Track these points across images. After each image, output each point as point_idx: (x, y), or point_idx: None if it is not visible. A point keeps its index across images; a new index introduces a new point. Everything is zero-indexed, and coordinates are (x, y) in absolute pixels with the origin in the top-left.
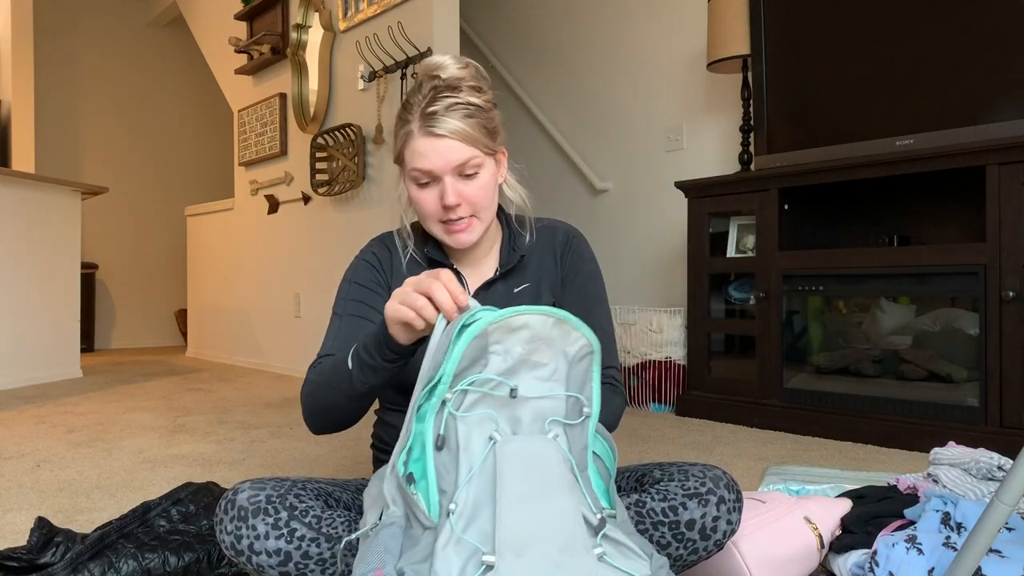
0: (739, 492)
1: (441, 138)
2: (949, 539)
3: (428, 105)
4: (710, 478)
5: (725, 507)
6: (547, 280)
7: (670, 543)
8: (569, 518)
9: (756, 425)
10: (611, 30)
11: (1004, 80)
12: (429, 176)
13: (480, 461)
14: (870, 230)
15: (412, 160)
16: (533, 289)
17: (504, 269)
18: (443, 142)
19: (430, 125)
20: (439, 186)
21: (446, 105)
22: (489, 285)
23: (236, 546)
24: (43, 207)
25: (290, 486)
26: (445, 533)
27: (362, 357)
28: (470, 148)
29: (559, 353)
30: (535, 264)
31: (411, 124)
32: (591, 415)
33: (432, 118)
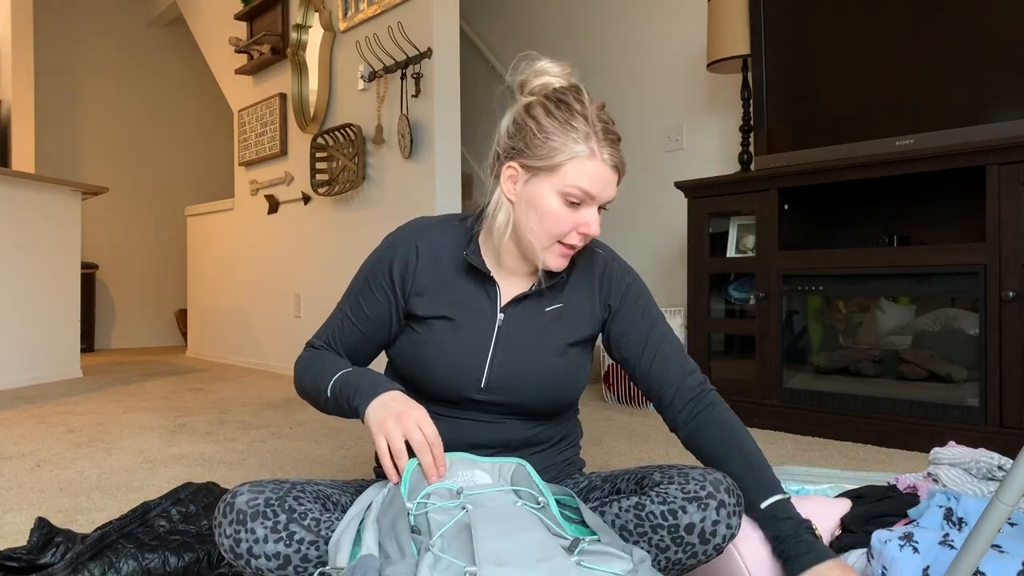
0: (739, 496)
1: (613, 170)
2: (947, 536)
3: (608, 132)
4: (710, 482)
5: (725, 511)
6: (581, 306)
7: (669, 546)
8: (543, 542)
9: (756, 425)
10: (611, 30)
11: (1004, 80)
12: (585, 200)
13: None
14: (870, 230)
15: (579, 179)
16: (564, 312)
17: (538, 289)
18: (612, 175)
19: (610, 154)
20: (583, 212)
21: (614, 138)
22: (520, 300)
23: (235, 549)
24: (43, 207)
25: (289, 488)
26: (428, 558)
27: (338, 399)
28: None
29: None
30: (571, 285)
31: (582, 143)
32: (547, 503)
33: (613, 149)
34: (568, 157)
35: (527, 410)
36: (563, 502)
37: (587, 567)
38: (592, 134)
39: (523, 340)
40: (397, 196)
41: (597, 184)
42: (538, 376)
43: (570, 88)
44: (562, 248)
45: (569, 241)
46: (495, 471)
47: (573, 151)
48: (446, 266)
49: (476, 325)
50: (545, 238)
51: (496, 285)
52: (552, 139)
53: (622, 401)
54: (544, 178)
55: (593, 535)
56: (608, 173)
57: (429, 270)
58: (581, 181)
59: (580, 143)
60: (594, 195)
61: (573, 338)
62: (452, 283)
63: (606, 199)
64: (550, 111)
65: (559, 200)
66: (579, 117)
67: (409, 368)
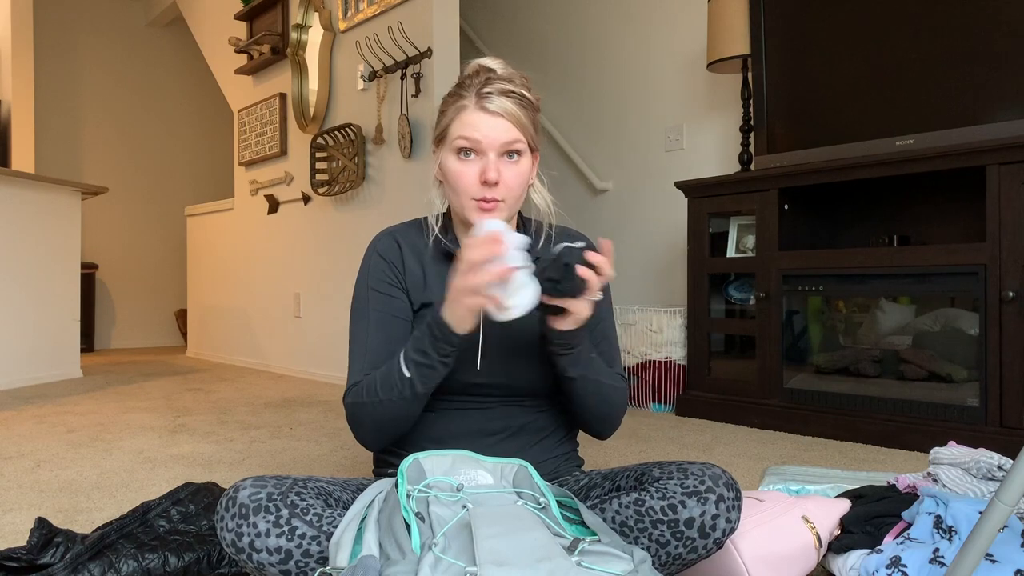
0: (738, 490)
1: (494, 115)
2: (938, 551)
3: (484, 86)
4: (709, 476)
5: (724, 505)
6: None
7: (669, 541)
8: (544, 542)
9: (756, 425)
10: (611, 30)
11: (1004, 80)
12: (475, 148)
13: (456, 517)
14: (870, 230)
15: (460, 130)
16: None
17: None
18: (495, 119)
19: (486, 101)
20: (481, 162)
21: (501, 89)
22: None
23: (237, 544)
24: (43, 207)
25: (291, 484)
26: (429, 558)
27: (418, 360)
28: (517, 131)
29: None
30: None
31: (465, 99)
32: (548, 503)
33: (488, 97)
34: (451, 117)
35: (522, 390)
36: (563, 503)
37: (587, 567)
38: (475, 93)
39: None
40: (397, 196)
41: (479, 130)
42: (529, 353)
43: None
44: (477, 204)
45: (478, 195)
46: (497, 471)
47: (454, 110)
48: (425, 258)
49: None
50: (460, 198)
51: None
52: (445, 112)
53: None
54: (443, 147)
55: (593, 536)
56: (488, 118)
57: (412, 263)
58: (463, 131)
59: (459, 101)
60: (479, 139)
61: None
62: (433, 272)
63: (496, 143)
64: (449, 92)
65: (454, 158)
66: (468, 87)
67: None
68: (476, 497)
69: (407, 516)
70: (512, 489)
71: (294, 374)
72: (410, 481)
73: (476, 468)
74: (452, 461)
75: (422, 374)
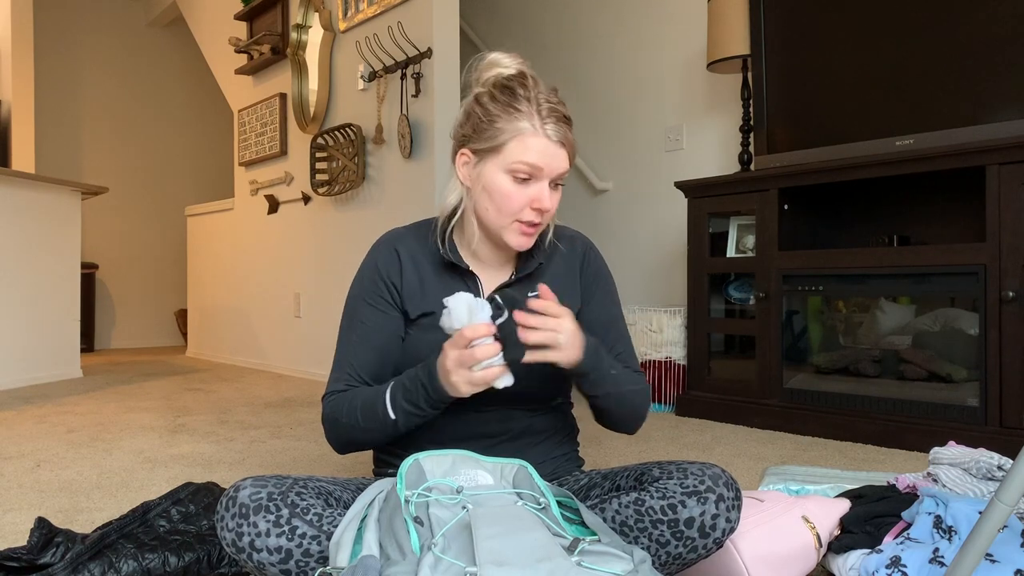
0: (738, 490)
1: (557, 144)
2: (937, 551)
3: (541, 106)
4: (709, 476)
5: (724, 505)
6: (563, 288)
7: (669, 541)
8: (543, 542)
9: (756, 425)
10: (611, 30)
11: (1004, 80)
12: (533, 174)
13: (455, 519)
14: (870, 230)
15: (523, 154)
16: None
17: (521, 275)
18: (557, 148)
19: (548, 128)
20: (534, 187)
21: (559, 115)
22: (501, 290)
23: (237, 543)
24: (43, 207)
25: (291, 484)
26: (428, 558)
27: (408, 410)
28: (569, 161)
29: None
30: (551, 271)
31: (524, 120)
32: (548, 504)
33: (549, 122)
34: (511, 136)
35: (524, 394)
36: (563, 503)
37: (587, 567)
38: (535, 112)
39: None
40: (397, 196)
41: (541, 158)
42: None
43: (517, 75)
44: (521, 226)
45: (525, 218)
46: (497, 472)
47: (516, 128)
48: (425, 266)
49: None
50: (501, 218)
51: (476, 277)
52: (496, 121)
53: None
54: (491, 158)
55: (594, 536)
56: (551, 147)
57: (411, 272)
58: (525, 156)
59: (522, 121)
60: (540, 167)
61: None
62: (433, 281)
63: (555, 173)
64: (495, 96)
65: (508, 178)
66: (522, 99)
67: (405, 368)
68: (476, 498)
69: (407, 522)
70: (512, 490)
71: (294, 374)
72: (409, 485)
73: (476, 468)
74: (452, 461)
75: (410, 420)
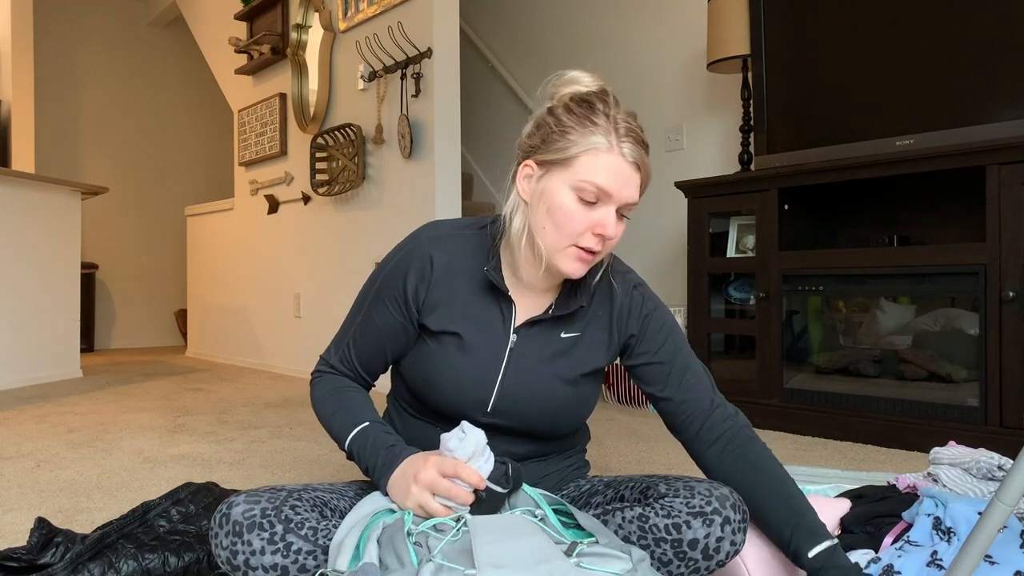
0: (745, 512)
1: (633, 167)
2: (935, 554)
3: (619, 123)
4: (716, 497)
5: (730, 528)
6: (597, 337)
7: (671, 560)
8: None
9: (756, 425)
10: (611, 30)
11: (1004, 80)
12: (600, 196)
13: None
14: (870, 230)
15: (593, 173)
16: (580, 341)
17: (555, 314)
18: (632, 172)
19: (624, 147)
20: (600, 212)
21: (636, 136)
22: (535, 323)
23: (232, 561)
24: (43, 207)
25: (285, 497)
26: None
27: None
28: (639, 192)
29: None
30: (590, 316)
31: (600, 135)
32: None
33: (626, 142)
34: (584, 149)
35: (530, 433)
36: (558, 510)
37: (586, 568)
38: (612, 130)
39: (534, 365)
40: (397, 196)
41: (613, 179)
42: (545, 404)
43: (598, 91)
44: (578, 252)
45: (584, 243)
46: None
47: (590, 143)
48: (461, 280)
49: (487, 345)
50: (558, 238)
51: (512, 304)
52: (570, 133)
53: (622, 401)
54: (558, 172)
55: (591, 538)
56: (627, 169)
57: (443, 284)
58: (596, 176)
59: (598, 135)
60: (610, 192)
61: (586, 369)
62: (466, 298)
63: (625, 199)
64: (571, 109)
65: (572, 196)
66: (600, 114)
67: (416, 383)
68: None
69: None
70: (508, 510)
71: (294, 374)
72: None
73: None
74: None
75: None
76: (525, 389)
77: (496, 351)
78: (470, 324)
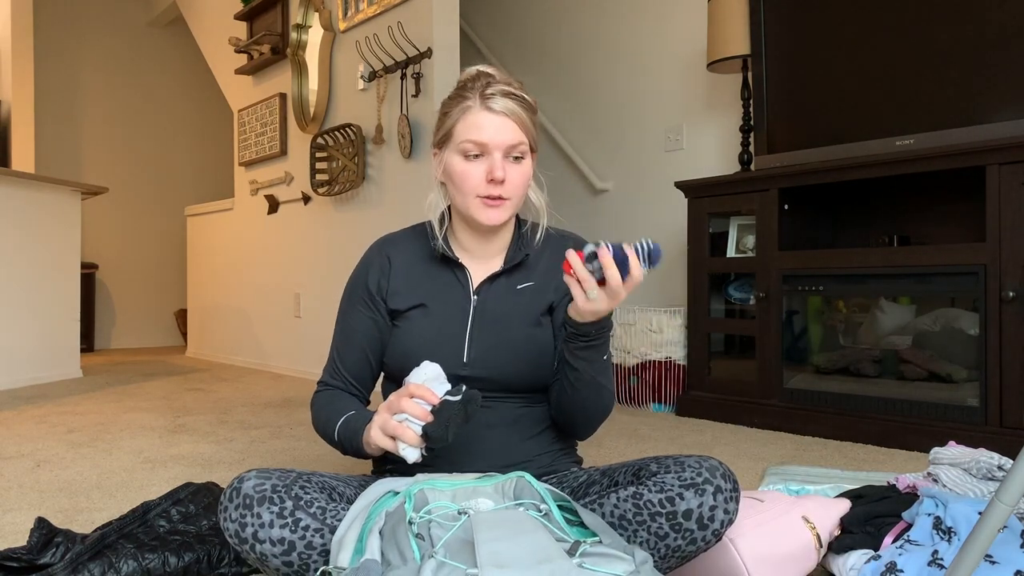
0: (735, 482)
1: (499, 115)
2: (936, 554)
3: (488, 88)
4: (706, 468)
5: (722, 496)
6: (553, 283)
7: (668, 534)
8: (545, 544)
9: (756, 425)
10: (611, 30)
11: (1004, 80)
12: (481, 149)
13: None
14: (870, 230)
15: (467, 132)
16: (537, 288)
17: (508, 265)
18: (500, 119)
19: (490, 102)
20: (487, 161)
21: (504, 91)
22: (493, 279)
23: (240, 534)
24: (43, 207)
25: (295, 477)
26: (431, 564)
27: (344, 445)
28: (521, 133)
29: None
30: (543, 266)
31: (469, 101)
32: (550, 510)
33: (492, 98)
34: (456, 119)
35: (511, 384)
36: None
37: (588, 568)
38: (479, 95)
39: (498, 315)
40: (397, 196)
41: (485, 132)
42: (516, 347)
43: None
44: (482, 200)
45: (483, 192)
46: (498, 492)
47: (459, 111)
48: (415, 263)
49: (451, 307)
50: (464, 197)
51: (466, 269)
52: (449, 113)
53: (622, 401)
54: (448, 147)
55: (595, 537)
56: (494, 119)
57: (400, 271)
58: (470, 134)
59: (467, 102)
60: (485, 141)
61: (545, 307)
62: (424, 276)
63: (502, 143)
64: (451, 95)
65: (460, 158)
66: (470, 90)
67: (397, 363)
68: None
69: (410, 537)
70: (514, 503)
71: (294, 374)
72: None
73: (475, 498)
74: (452, 496)
75: (345, 450)
76: (493, 335)
77: (460, 311)
78: (432, 293)
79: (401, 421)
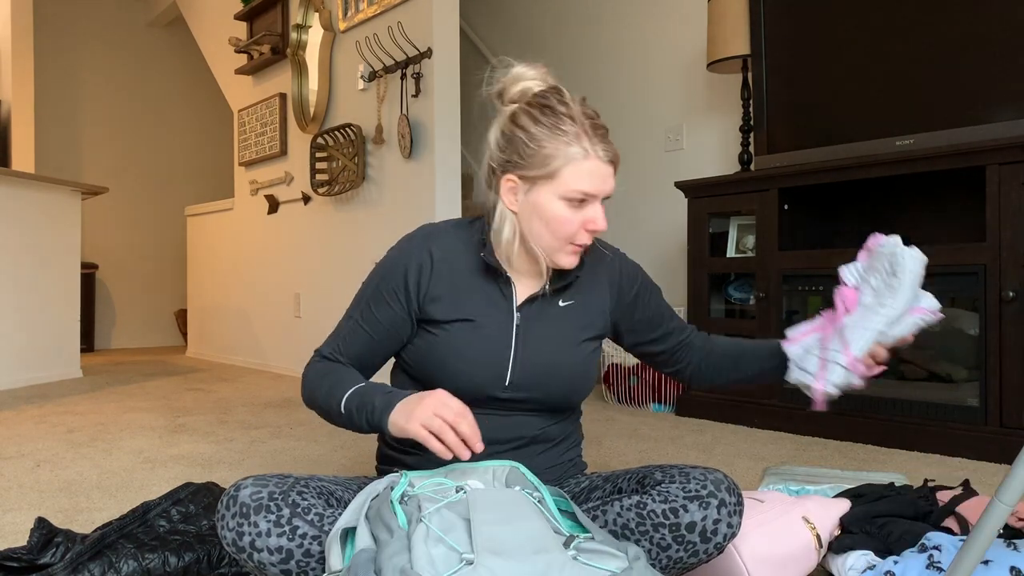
0: (740, 496)
1: (609, 165)
2: (932, 558)
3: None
4: (711, 481)
5: (726, 510)
6: (593, 302)
7: (670, 545)
8: (541, 532)
9: (756, 425)
10: (611, 30)
11: (1004, 80)
12: (586, 198)
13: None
14: (870, 230)
15: (578, 181)
16: (579, 308)
17: (553, 287)
18: (609, 169)
19: (604, 150)
20: (588, 210)
21: (604, 129)
22: (535, 299)
23: (237, 543)
24: (43, 207)
25: (292, 483)
26: (420, 531)
27: (354, 416)
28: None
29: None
30: (585, 285)
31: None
32: (543, 497)
33: (606, 144)
34: (564, 162)
35: (547, 404)
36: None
37: (584, 563)
38: (582, 133)
39: (542, 336)
40: (397, 196)
41: (597, 182)
42: (559, 370)
43: (550, 90)
44: (573, 247)
45: (579, 240)
46: (488, 476)
47: (568, 155)
48: (460, 269)
49: (496, 325)
50: (556, 241)
51: (512, 285)
52: (545, 146)
53: (622, 401)
54: (544, 186)
55: (587, 533)
56: (604, 168)
57: (444, 275)
58: (581, 183)
59: (573, 145)
60: (595, 193)
61: (586, 334)
62: (468, 285)
63: (607, 193)
64: (536, 118)
65: (563, 204)
66: (566, 119)
67: (426, 371)
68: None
69: (393, 506)
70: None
71: (294, 374)
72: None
73: (466, 478)
74: (444, 476)
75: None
76: (540, 355)
77: (505, 329)
78: (477, 308)
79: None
